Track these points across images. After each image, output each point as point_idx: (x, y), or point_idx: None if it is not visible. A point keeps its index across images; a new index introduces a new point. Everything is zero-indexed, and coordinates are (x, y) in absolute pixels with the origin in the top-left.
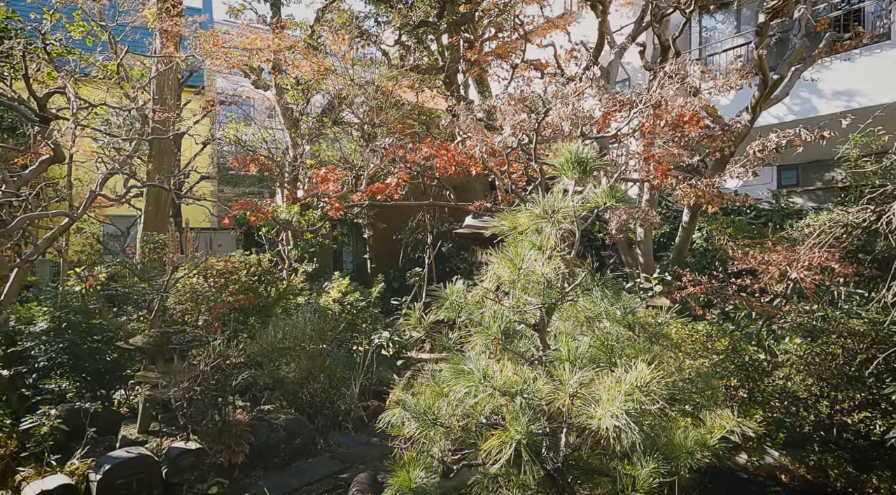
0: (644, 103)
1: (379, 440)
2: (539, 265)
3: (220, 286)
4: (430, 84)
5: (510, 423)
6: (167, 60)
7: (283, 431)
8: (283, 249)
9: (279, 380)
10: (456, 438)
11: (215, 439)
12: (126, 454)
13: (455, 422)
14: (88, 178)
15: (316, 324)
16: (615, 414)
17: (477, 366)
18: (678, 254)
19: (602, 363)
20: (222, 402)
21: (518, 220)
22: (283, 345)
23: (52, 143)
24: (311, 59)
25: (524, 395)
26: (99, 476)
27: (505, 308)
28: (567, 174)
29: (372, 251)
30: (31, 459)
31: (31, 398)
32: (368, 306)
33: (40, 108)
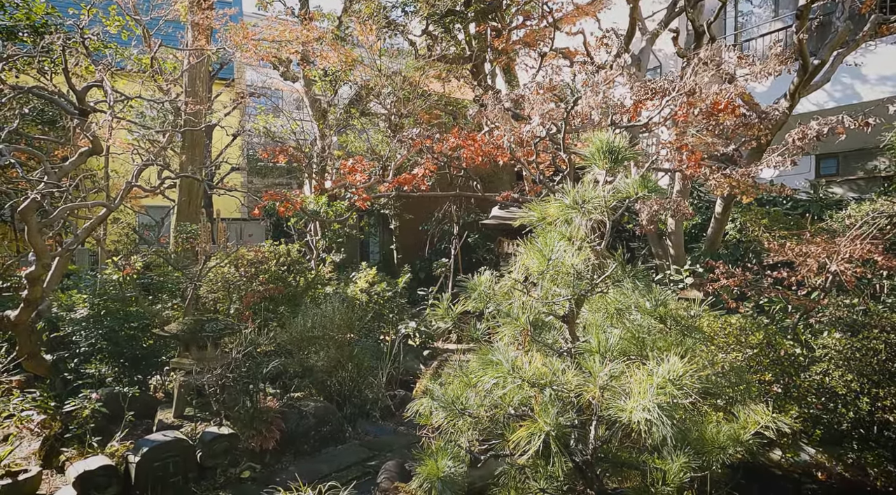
0: (678, 91)
1: (406, 429)
2: (569, 256)
3: (251, 275)
4: (457, 74)
5: (539, 415)
6: (199, 53)
7: (312, 418)
8: (311, 240)
9: (308, 369)
10: (483, 428)
11: (247, 425)
12: (163, 437)
13: (483, 413)
14: (124, 170)
15: (344, 313)
16: (647, 407)
17: (506, 357)
18: (710, 246)
19: (633, 355)
20: (253, 389)
21: (547, 211)
22: (313, 333)
23: (91, 136)
24: (339, 50)
25: (553, 387)
26: (137, 458)
27: (534, 299)
28: (598, 164)
29: (398, 242)
30: (74, 440)
31: (73, 382)
32: (395, 296)
33: (79, 100)
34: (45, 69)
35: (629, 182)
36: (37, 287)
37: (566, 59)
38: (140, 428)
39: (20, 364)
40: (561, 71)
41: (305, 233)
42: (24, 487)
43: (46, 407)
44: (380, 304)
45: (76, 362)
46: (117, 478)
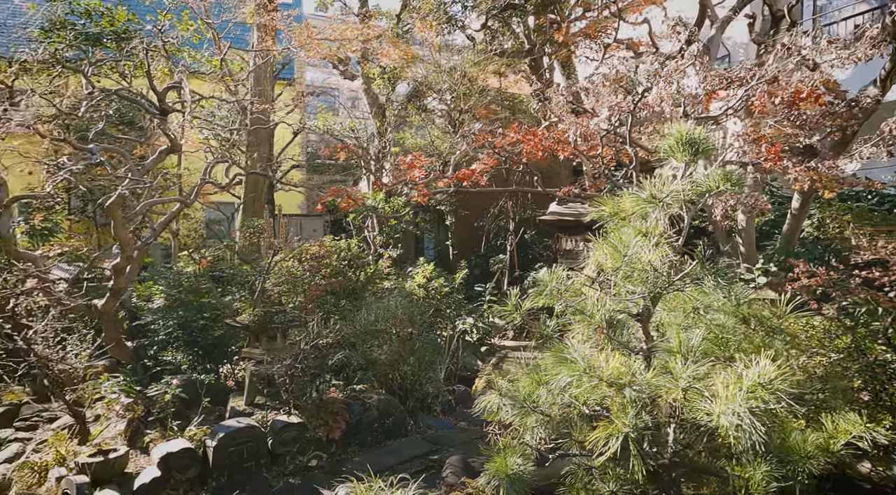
0: (758, 79)
1: (466, 424)
2: (645, 252)
3: (314, 269)
4: (515, 68)
5: (616, 415)
6: (264, 54)
7: (375, 411)
8: (368, 235)
9: (371, 361)
10: (551, 427)
11: (314, 415)
12: (237, 424)
13: (555, 411)
14: (195, 168)
15: (406, 308)
16: (736, 412)
17: (581, 355)
18: (786, 244)
19: (715, 357)
20: (320, 380)
21: (622, 206)
22: (376, 327)
23: (170, 134)
24: (399, 47)
25: (634, 388)
26: (214, 443)
27: (608, 296)
28: (676, 156)
29: (454, 238)
30: (157, 424)
31: (153, 368)
32: (452, 292)
33: (160, 101)
34: (125, 73)
35: (710, 175)
36: (121, 278)
37: (629, 50)
38: (213, 413)
39: (105, 350)
40: (626, 62)
41: (363, 229)
42: (114, 465)
43: (130, 391)
44: (437, 300)
45: (155, 349)
46: (196, 461)
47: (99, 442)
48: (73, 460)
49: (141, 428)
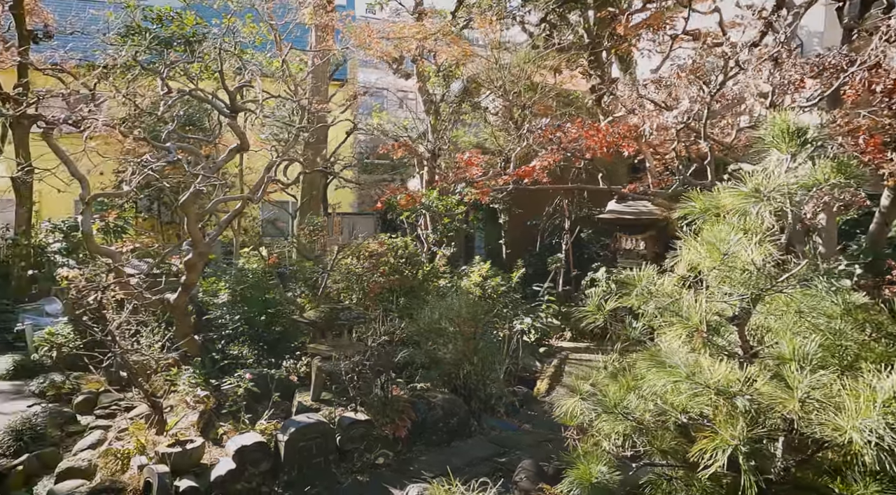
0: (858, 66)
1: (531, 427)
2: (746, 251)
3: (373, 267)
4: (573, 64)
5: (722, 426)
6: (323, 53)
7: (440, 410)
8: (421, 233)
9: (435, 360)
10: (647, 436)
11: (380, 412)
12: (307, 419)
13: (647, 419)
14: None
15: (471, 307)
16: (872, 427)
17: (684, 361)
18: (872, 244)
19: (832, 365)
20: (386, 377)
21: (719, 201)
22: (440, 326)
23: (240, 133)
24: (458, 44)
25: (746, 397)
26: (285, 437)
27: (703, 298)
28: (780, 147)
29: (507, 236)
30: (229, 416)
31: (220, 361)
32: (508, 291)
33: (231, 100)
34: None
35: (820, 167)
36: (193, 273)
37: (696, 41)
38: (280, 408)
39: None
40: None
41: (416, 227)
42: (192, 456)
43: (202, 384)
44: (493, 299)
45: (223, 343)
46: (269, 455)
47: (175, 433)
48: (152, 449)
49: (213, 420)
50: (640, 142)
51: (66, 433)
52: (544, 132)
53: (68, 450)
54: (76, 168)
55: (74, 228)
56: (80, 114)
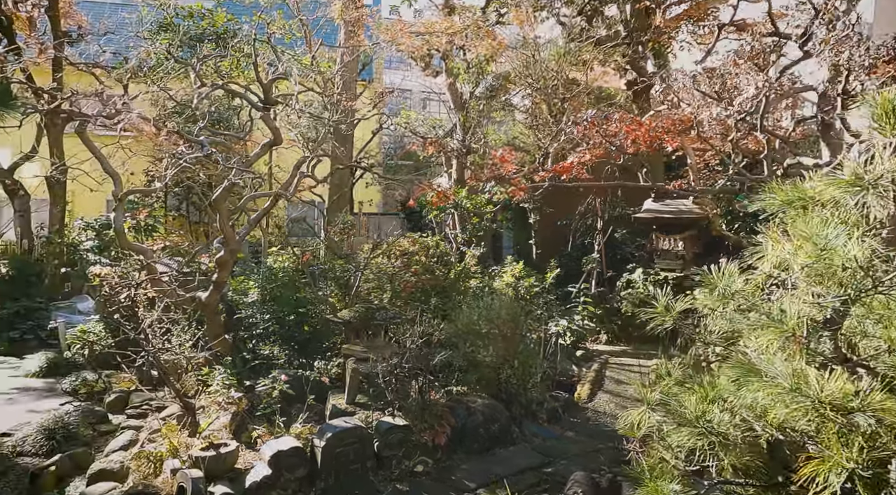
0: None
1: (574, 434)
2: (847, 246)
3: (404, 266)
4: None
5: (833, 446)
6: (352, 50)
7: (480, 416)
8: (448, 233)
9: (473, 363)
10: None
11: (418, 417)
12: (344, 424)
13: (735, 434)
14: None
15: (511, 308)
16: None
17: (784, 371)
18: None
19: None
20: (423, 381)
21: (807, 191)
22: (479, 327)
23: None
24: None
25: (868, 414)
26: (322, 443)
27: (794, 299)
28: (884, 130)
29: (537, 236)
30: (262, 419)
31: (251, 361)
32: (542, 292)
33: (265, 93)
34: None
35: None
36: (225, 271)
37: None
38: (313, 410)
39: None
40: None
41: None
42: (226, 460)
43: (237, 384)
44: (526, 300)
45: (254, 343)
46: (305, 461)
47: (208, 435)
48: (185, 452)
49: (245, 422)
50: (683, 136)
51: (97, 432)
52: (590, 124)
53: (100, 451)
54: (109, 165)
55: (106, 226)
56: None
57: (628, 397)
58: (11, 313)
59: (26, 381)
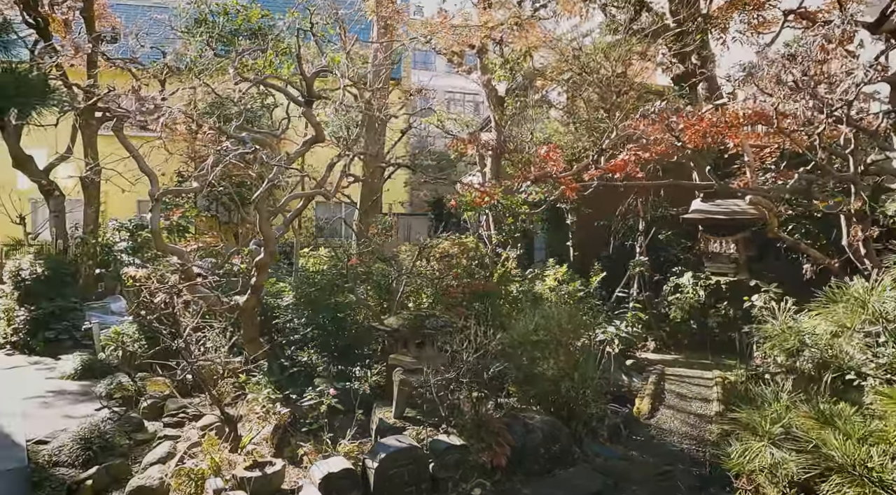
0: None
1: (639, 454)
2: None
3: (445, 269)
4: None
5: None
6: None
7: (539, 433)
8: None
9: (530, 376)
10: None
11: (474, 435)
12: (398, 443)
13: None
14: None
15: (572, 315)
16: None
17: None
18: None
19: None
20: (479, 395)
21: None
22: (538, 337)
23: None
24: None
25: None
26: (375, 464)
27: None
28: None
29: (575, 238)
30: (308, 433)
31: (289, 368)
32: (587, 297)
33: (308, 87)
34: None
35: None
36: (263, 274)
37: (804, 20)
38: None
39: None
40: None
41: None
42: (272, 481)
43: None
44: (569, 305)
45: (292, 349)
46: (357, 484)
47: (251, 450)
48: (228, 470)
49: (287, 436)
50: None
51: (134, 442)
52: (660, 117)
53: (137, 462)
54: (145, 163)
55: (140, 227)
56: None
57: (692, 412)
58: (47, 313)
59: (61, 384)
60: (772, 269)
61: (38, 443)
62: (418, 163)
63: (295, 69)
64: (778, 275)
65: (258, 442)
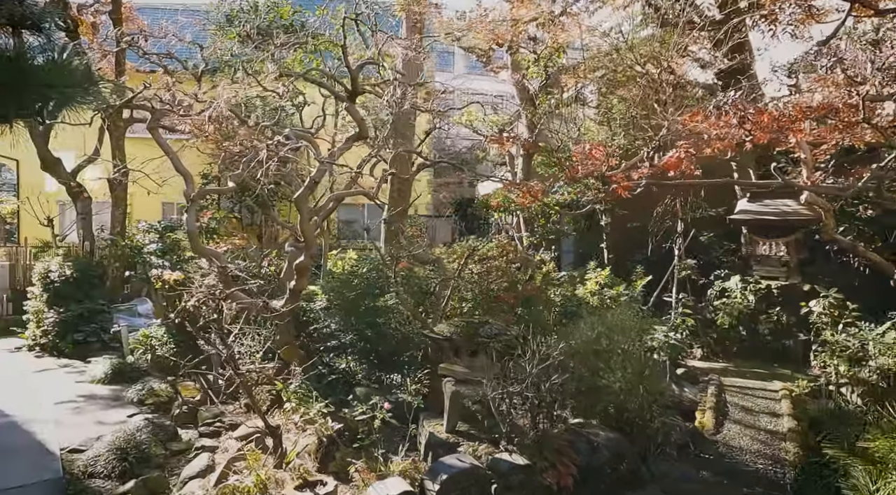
0: None
1: (710, 474)
2: None
3: (485, 272)
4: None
5: None
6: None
7: (605, 452)
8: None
9: (593, 388)
10: None
11: (535, 453)
12: (459, 463)
13: None
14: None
15: (637, 323)
16: None
17: None
18: None
19: None
20: (542, 409)
21: None
22: (600, 346)
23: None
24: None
25: None
26: (437, 486)
27: None
28: None
29: (609, 240)
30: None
31: (327, 376)
32: (630, 301)
33: (353, 80)
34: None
35: None
36: (303, 277)
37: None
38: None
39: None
40: None
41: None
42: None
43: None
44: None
45: (331, 356)
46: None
47: (297, 466)
48: (276, 490)
49: (332, 450)
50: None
51: (169, 452)
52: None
53: (174, 474)
54: (180, 162)
55: (169, 229)
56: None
57: (762, 428)
58: (75, 315)
59: (91, 388)
60: (825, 273)
61: (72, 452)
62: (451, 160)
63: (324, 66)
64: (833, 280)
65: (299, 452)
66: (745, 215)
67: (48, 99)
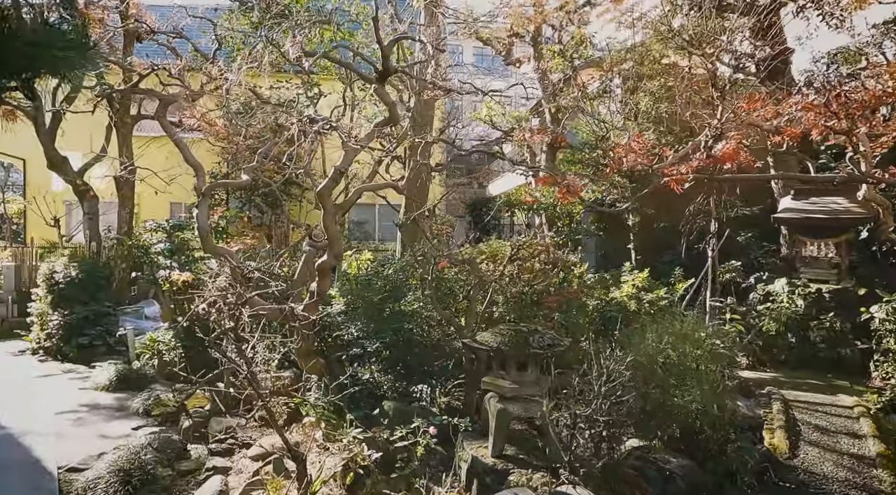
0: None
1: None
2: None
3: (517, 273)
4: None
5: None
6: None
7: (680, 482)
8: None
9: (661, 408)
10: None
11: (601, 484)
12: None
13: None
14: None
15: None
16: None
17: None
18: None
19: None
20: (609, 433)
21: None
22: (668, 358)
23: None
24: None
25: None
26: None
27: None
28: None
29: (636, 240)
30: (401, 482)
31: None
32: (671, 305)
33: (384, 58)
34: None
35: None
36: (326, 278)
37: None
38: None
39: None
40: None
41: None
42: None
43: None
44: (650, 315)
45: (354, 366)
46: None
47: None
48: None
49: (363, 476)
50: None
51: (177, 472)
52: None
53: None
54: (191, 154)
55: (177, 227)
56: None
57: (844, 452)
58: (81, 318)
59: (95, 395)
60: (879, 276)
61: (70, 471)
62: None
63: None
64: (888, 283)
65: (325, 478)
66: (791, 214)
67: (36, 60)
